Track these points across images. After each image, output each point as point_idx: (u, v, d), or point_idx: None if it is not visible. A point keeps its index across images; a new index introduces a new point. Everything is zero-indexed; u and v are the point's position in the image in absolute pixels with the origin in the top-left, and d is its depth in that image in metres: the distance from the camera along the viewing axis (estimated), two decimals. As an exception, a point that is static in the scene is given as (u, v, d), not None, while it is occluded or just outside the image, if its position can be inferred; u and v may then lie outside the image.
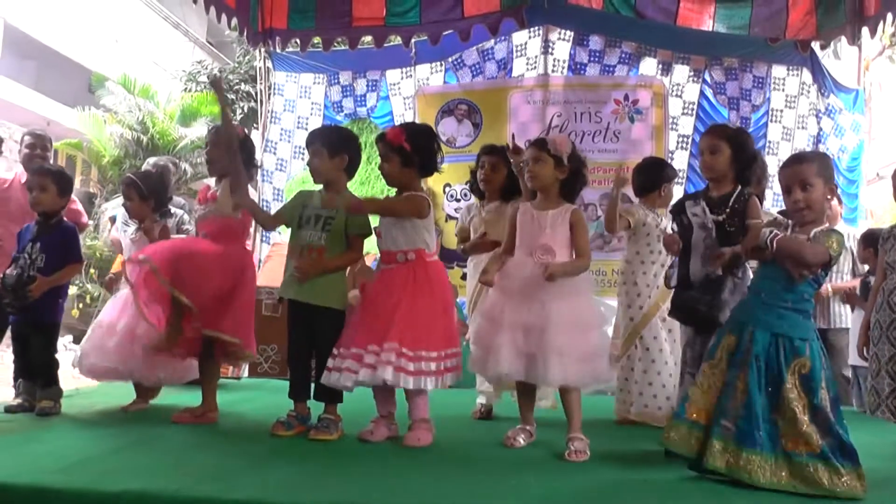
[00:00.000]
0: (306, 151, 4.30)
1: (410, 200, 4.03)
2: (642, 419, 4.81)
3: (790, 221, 3.42)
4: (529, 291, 3.88)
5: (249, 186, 4.50)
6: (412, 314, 3.86)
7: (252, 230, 8.09)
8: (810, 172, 3.31)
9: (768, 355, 3.23)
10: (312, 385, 4.14)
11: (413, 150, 4.00)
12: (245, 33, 8.27)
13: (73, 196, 5.25)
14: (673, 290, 4.12)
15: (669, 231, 4.49)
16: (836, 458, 3.12)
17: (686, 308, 3.87)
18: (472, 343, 4.14)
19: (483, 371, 4.09)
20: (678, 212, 3.96)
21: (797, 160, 3.48)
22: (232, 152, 4.28)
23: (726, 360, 3.32)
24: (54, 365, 4.55)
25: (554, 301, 3.83)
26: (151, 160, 7.15)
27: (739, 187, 3.86)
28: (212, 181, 4.64)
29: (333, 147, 4.19)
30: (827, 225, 3.36)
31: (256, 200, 7.50)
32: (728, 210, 3.80)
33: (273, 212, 4.85)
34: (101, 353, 4.54)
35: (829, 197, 3.35)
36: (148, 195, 4.83)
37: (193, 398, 4.53)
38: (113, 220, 7.28)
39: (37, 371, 4.51)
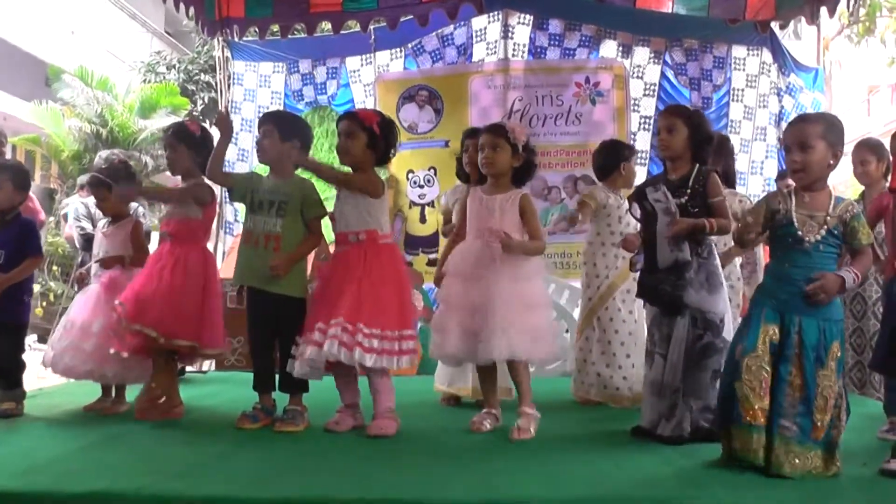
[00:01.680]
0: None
1: (367, 176, 4.03)
2: (603, 399, 4.86)
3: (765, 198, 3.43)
4: (478, 272, 3.96)
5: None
6: (362, 292, 3.84)
7: (214, 225, 8.04)
8: (811, 133, 3.20)
9: (818, 345, 3.16)
10: (277, 376, 4.11)
11: (381, 136, 4.00)
12: (201, 23, 8.17)
13: (31, 193, 5.16)
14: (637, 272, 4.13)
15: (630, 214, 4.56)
16: (837, 445, 3.15)
17: (651, 289, 3.87)
18: (432, 328, 4.16)
19: (436, 354, 4.12)
20: (639, 199, 3.92)
21: (801, 119, 3.39)
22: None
23: (769, 353, 3.18)
24: (20, 367, 4.47)
25: (501, 281, 3.92)
26: (104, 154, 7.05)
27: (697, 167, 3.86)
28: (178, 179, 4.59)
29: (285, 131, 4.16)
30: (849, 203, 3.26)
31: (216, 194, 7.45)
32: (689, 191, 3.80)
33: (230, 197, 4.78)
34: (78, 355, 4.43)
35: (831, 162, 3.23)
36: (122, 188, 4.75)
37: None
38: (66, 217, 7.17)
39: (1, 373, 4.41)
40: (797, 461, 3.09)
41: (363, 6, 7.93)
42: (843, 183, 14.64)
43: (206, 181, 4.39)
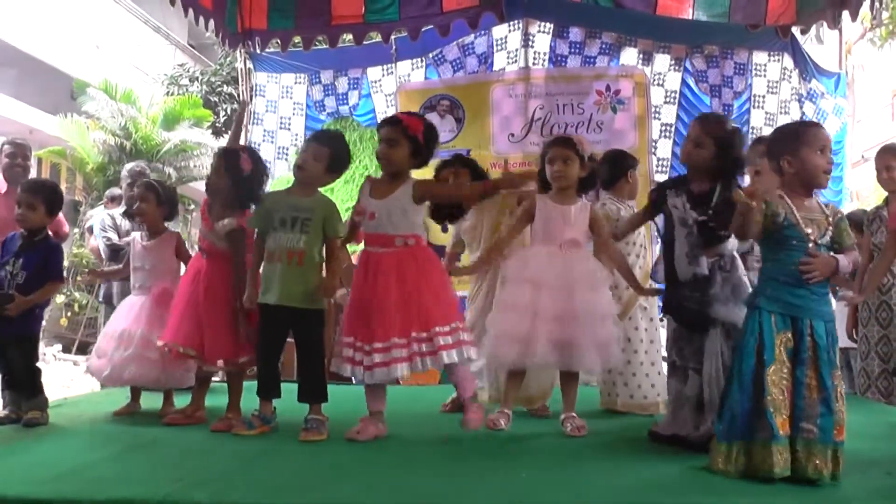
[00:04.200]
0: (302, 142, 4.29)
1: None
2: (631, 409, 4.85)
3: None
4: (563, 283, 4.06)
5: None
6: (428, 294, 3.89)
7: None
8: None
9: (829, 345, 3.16)
10: (297, 386, 4.12)
11: (424, 144, 4.01)
12: (220, 35, 8.21)
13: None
14: (661, 285, 4.10)
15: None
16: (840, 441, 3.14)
17: (676, 306, 3.82)
18: (497, 335, 4.12)
19: (514, 362, 4.12)
20: (660, 200, 3.89)
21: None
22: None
23: (789, 359, 3.16)
24: (37, 375, 4.48)
25: (584, 292, 4.05)
26: (128, 165, 7.12)
27: (720, 184, 3.71)
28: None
29: (335, 164, 4.19)
30: (833, 206, 3.42)
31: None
32: (711, 210, 3.67)
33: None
34: (145, 364, 4.52)
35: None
36: (164, 202, 4.81)
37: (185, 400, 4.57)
38: (91, 230, 7.24)
39: (20, 383, 4.44)
40: (818, 462, 3.06)
41: (385, 18, 7.96)
42: (867, 188, 14.51)
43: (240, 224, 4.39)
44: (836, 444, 3.10)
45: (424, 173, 4.36)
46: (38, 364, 4.55)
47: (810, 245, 3.19)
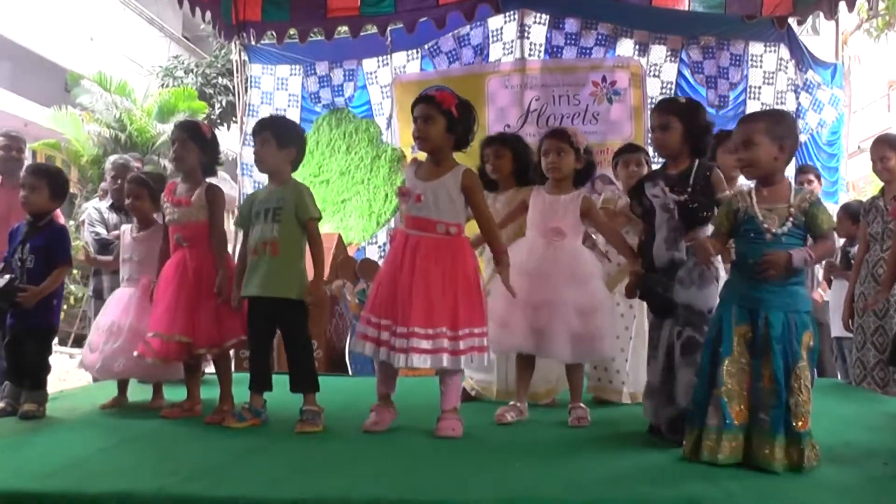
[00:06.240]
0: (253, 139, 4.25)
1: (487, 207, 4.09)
2: (596, 392, 4.85)
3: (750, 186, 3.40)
4: (544, 271, 4.10)
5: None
6: (467, 292, 3.83)
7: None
8: (753, 130, 3.26)
9: (784, 336, 3.16)
10: (289, 377, 4.11)
11: (459, 118, 3.90)
12: (217, 27, 8.20)
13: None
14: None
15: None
16: (810, 433, 3.15)
17: (646, 291, 3.81)
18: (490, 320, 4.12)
19: (496, 346, 4.11)
20: (638, 194, 3.85)
21: (743, 119, 3.46)
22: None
23: (747, 352, 3.20)
24: (46, 369, 4.49)
25: (563, 282, 4.07)
26: (111, 158, 7.09)
27: (697, 161, 3.74)
28: (177, 177, 4.60)
29: (282, 138, 4.13)
30: (807, 192, 3.35)
31: (235, 196, 7.46)
32: (690, 188, 3.66)
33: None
34: (133, 356, 4.46)
35: (777, 155, 3.25)
36: (157, 195, 4.73)
37: (178, 394, 4.56)
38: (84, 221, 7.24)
39: (27, 375, 4.41)
40: (767, 451, 3.08)
41: (381, 10, 7.97)
42: (864, 178, 14.53)
43: (214, 182, 4.46)
44: (798, 435, 3.10)
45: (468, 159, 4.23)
46: (50, 361, 4.55)
47: (767, 237, 3.20)
